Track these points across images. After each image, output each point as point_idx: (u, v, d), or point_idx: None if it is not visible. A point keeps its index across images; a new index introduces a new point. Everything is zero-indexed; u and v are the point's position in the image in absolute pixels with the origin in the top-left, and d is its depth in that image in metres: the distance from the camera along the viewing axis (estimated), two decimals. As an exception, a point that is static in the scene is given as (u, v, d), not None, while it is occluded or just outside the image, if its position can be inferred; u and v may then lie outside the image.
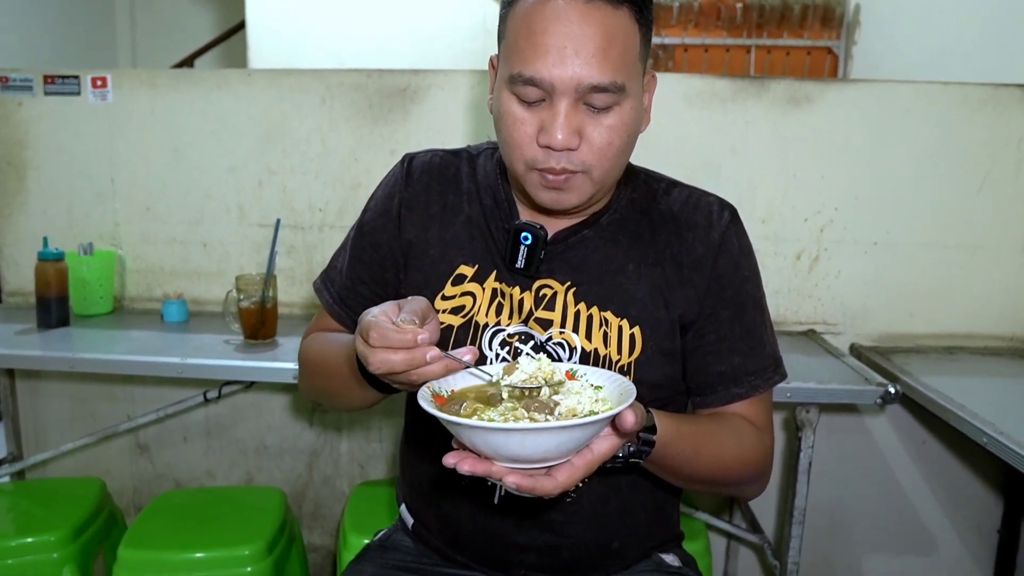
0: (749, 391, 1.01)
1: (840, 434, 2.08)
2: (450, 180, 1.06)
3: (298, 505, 2.23)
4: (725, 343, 1.00)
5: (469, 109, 1.99)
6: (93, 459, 2.25)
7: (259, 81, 2.03)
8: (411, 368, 0.76)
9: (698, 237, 1.00)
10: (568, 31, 0.83)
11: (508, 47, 0.89)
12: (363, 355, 0.78)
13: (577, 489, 0.99)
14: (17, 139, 2.10)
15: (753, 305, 1.03)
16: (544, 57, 0.84)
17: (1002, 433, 1.33)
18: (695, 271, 1.00)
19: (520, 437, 0.66)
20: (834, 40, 3.66)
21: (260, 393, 2.17)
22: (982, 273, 1.98)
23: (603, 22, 0.84)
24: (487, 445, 0.68)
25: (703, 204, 1.03)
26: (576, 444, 0.71)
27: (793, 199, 1.97)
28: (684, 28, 3.74)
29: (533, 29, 0.85)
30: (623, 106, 0.88)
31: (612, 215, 1.02)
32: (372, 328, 0.76)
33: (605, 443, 0.74)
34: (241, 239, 2.09)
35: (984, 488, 2.09)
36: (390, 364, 0.76)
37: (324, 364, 1.05)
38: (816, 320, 2.02)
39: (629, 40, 0.87)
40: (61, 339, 1.80)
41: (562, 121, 0.85)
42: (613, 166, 0.91)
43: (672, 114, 1.95)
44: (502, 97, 0.90)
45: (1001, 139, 1.92)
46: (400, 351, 0.75)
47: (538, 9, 0.85)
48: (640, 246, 1.01)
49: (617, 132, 0.88)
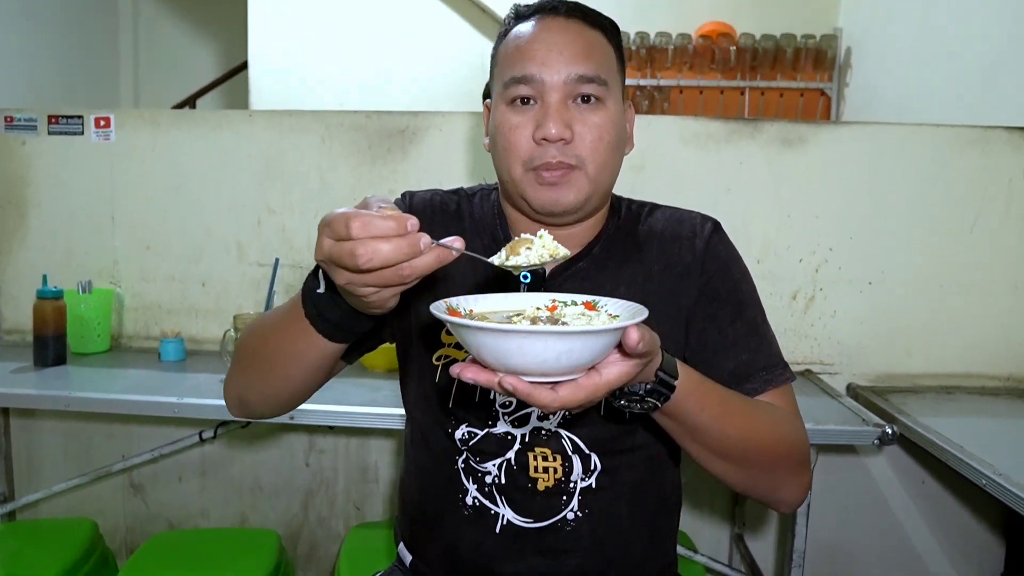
0: (762, 386, 0.98)
1: (838, 474, 2.07)
2: (451, 216, 1.08)
3: (293, 546, 2.20)
4: (729, 339, 1.00)
5: (467, 150, 2.02)
6: (86, 499, 2.22)
7: (260, 121, 2.06)
8: (404, 259, 0.67)
9: (684, 247, 1.03)
10: (552, 39, 0.94)
11: (500, 66, 0.98)
12: (338, 255, 0.67)
13: (577, 519, 0.99)
14: (19, 176, 2.12)
15: (751, 304, 1.04)
16: (533, 58, 0.93)
17: (1001, 475, 1.33)
18: (685, 278, 1.02)
19: (519, 340, 0.63)
20: (826, 82, 3.72)
21: (256, 432, 2.15)
22: (976, 312, 1.99)
23: (582, 32, 0.95)
24: (489, 351, 0.65)
25: (686, 218, 1.06)
26: (580, 358, 0.66)
27: (788, 239, 1.99)
28: (679, 70, 3.80)
29: (520, 42, 0.96)
30: (608, 106, 0.95)
31: (602, 244, 1.04)
32: (353, 219, 0.66)
33: (614, 368, 0.70)
34: (240, 277, 2.10)
35: (986, 529, 2.07)
36: (381, 255, 0.65)
37: (264, 328, 0.96)
38: (813, 360, 2.02)
39: (606, 53, 0.97)
40: (57, 377, 1.80)
41: (554, 114, 0.92)
42: (606, 162, 0.96)
43: (668, 154, 1.97)
44: (498, 113, 0.97)
45: (991, 180, 1.95)
46: (392, 239, 0.66)
47: (524, 28, 0.97)
48: (629, 267, 1.03)
49: (606, 129, 0.94)
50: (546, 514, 1.00)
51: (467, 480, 1.02)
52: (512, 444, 1.00)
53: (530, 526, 1.00)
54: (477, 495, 1.01)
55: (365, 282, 0.69)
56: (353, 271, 0.68)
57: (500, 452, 1.00)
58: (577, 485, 1.00)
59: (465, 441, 1.01)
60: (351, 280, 0.69)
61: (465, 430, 1.01)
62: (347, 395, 1.68)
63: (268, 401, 0.98)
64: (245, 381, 0.99)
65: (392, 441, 2.15)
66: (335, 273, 0.70)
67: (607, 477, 1.00)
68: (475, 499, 1.01)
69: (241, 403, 1.00)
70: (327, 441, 2.17)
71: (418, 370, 1.05)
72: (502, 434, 1.00)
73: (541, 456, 0.99)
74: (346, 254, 0.66)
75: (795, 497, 0.99)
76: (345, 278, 0.70)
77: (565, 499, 1.00)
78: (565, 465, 0.99)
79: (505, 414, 1.00)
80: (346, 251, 0.66)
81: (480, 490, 1.01)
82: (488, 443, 1.00)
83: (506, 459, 1.00)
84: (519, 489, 1.00)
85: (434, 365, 1.02)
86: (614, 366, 0.70)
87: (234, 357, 1.01)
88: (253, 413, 1.02)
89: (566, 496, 1.00)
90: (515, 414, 1.00)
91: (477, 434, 1.00)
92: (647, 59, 3.77)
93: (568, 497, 1.00)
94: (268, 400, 0.98)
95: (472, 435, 1.01)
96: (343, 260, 0.67)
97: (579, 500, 1.00)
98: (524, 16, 0.99)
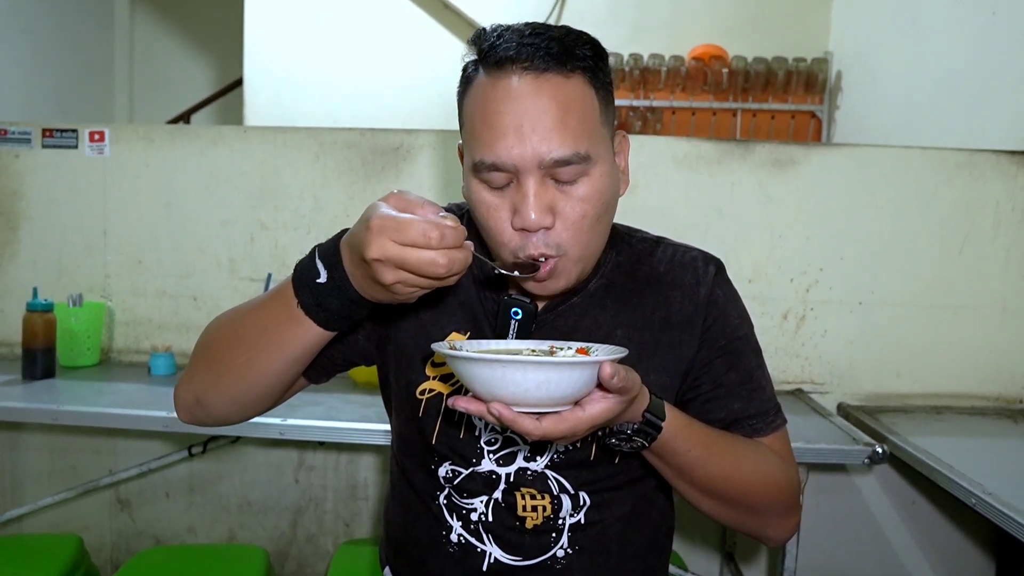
0: (749, 433, 0.98)
1: (828, 493, 2.07)
2: None
3: (281, 564, 2.18)
4: (722, 389, 0.99)
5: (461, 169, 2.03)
6: (71, 514, 2.20)
7: (254, 137, 2.07)
8: (465, 268, 0.73)
9: (686, 295, 1.00)
10: (521, 108, 0.83)
11: (468, 133, 0.89)
12: (414, 262, 0.70)
13: (567, 556, 0.97)
14: (12, 190, 2.11)
15: (748, 350, 1.02)
16: (503, 139, 0.83)
17: (990, 494, 1.33)
18: (685, 331, 0.99)
19: (503, 369, 0.71)
20: (817, 104, 3.76)
21: (245, 449, 2.14)
22: (965, 333, 2.00)
23: (555, 93, 0.83)
24: (479, 380, 0.72)
25: (688, 261, 1.02)
26: (559, 389, 0.72)
27: (779, 259, 2.01)
28: (672, 92, 3.84)
29: (487, 111, 0.85)
30: (592, 175, 0.86)
31: (599, 280, 1.01)
32: (431, 229, 0.70)
33: (597, 405, 0.75)
34: (232, 293, 2.10)
35: (976, 548, 2.07)
36: (459, 264, 0.72)
37: (234, 317, 0.94)
38: (803, 379, 2.03)
39: (587, 106, 0.86)
40: (45, 391, 1.78)
41: (532, 201, 0.84)
42: (590, 240, 0.90)
43: (660, 176, 1.99)
44: (471, 186, 0.89)
45: (979, 202, 1.97)
46: (461, 248, 0.73)
47: (490, 91, 0.85)
48: (627, 310, 1.00)
49: (590, 203, 0.86)
50: (535, 552, 0.97)
51: (451, 517, 0.99)
52: (498, 484, 0.97)
53: (519, 564, 0.97)
54: (463, 532, 0.99)
55: (419, 284, 0.73)
56: (421, 276, 0.72)
57: (485, 491, 0.97)
58: (566, 522, 0.97)
59: (449, 479, 0.99)
60: (403, 279, 0.72)
61: (448, 467, 0.98)
62: (337, 411, 1.68)
63: (232, 401, 0.93)
64: (208, 379, 0.93)
65: (382, 458, 2.13)
66: (386, 271, 0.72)
67: (596, 512, 0.98)
68: (460, 536, 0.99)
69: (197, 405, 0.94)
70: (317, 457, 2.16)
71: (400, 404, 1.02)
72: (487, 473, 0.97)
73: (528, 495, 0.97)
74: (426, 263, 0.70)
75: (782, 536, 1.02)
76: (397, 277, 0.72)
77: (555, 536, 0.97)
78: (554, 503, 0.97)
79: (490, 452, 0.97)
80: (426, 260, 0.70)
81: (465, 527, 0.99)
82: (473, 482, 0.98)
83: (492, 498, 0.97)
84: (507, 527, 0.97)
85: (417, 399, 0.99)
86: (597, 403, 0.75)
87: (194, 355, 0.95)
88: (208, 418, 0.96)
89: (555, 533, 0.97)
90: (500, 452, 0.97)
91: (461, 472, 0.98)
92: (640, 80, 3.81)
93: (558, 534, 0.97)
94: (232, 400, 0.93)
95: (456, 473, 0.98)
96: (421, 268, 0.71)
97: (569, 537, 0.97)
98: (488, 61, 0.85)
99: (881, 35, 3.31)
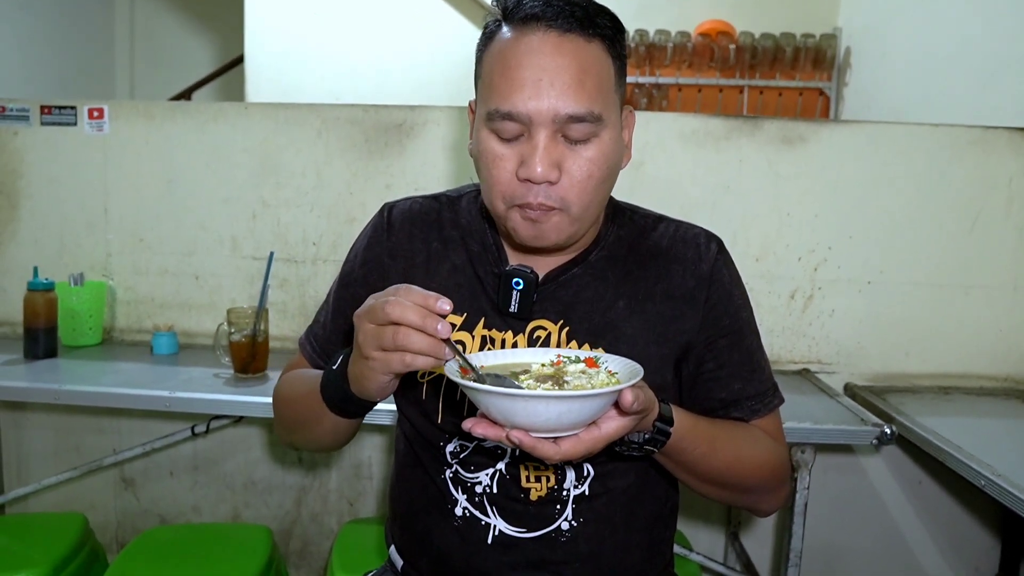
0: (748, 415, 1.02)
1: (835, 474, 2.06)
2: (432, 227, 1.05)
3: (285, 543, 2.18)
4: (724, 369, 1.01)
5: (464, 145, 2.00)
6: (76, 493, 2.20)
7: (255, 114, 2.04)
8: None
9: (688, 271, 1.01)
10: (542, 63, 0.84)
11: (485, 85, 0.90)
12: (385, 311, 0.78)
13: (572, 528, 0.98)
14: (11, 168, 2.09)
15: (749, 331, 1.04)
16: (520, 91, 0.85)
17: (1000, 476, 1.32)
18: (688, 304, 1.00)
19: (524, 403, 0.72)
20: (825, 81, 3.72)
21: (249, 428, 2.14)
22: (975, 312, 1.98)
23: (577, 53, 0.85)
24: (497, 410, 0.74)
25: (690, 237, 1.03)
26: (579, 417, 0.74)
27: (787, 238, 1.98)
28: (678, 68, 3.79)
29: (508, 64, 0.86)
30: (602, 137, 0.88)
31: (600, 252, 1.01)
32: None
33: (612, 424, 0.77)
34: (234, 271, 2.08)
35: (982, 529, 2.06)
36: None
37: (292, 391, 1.05)
38: (810, 359, 2.01)
39: (604, 71, 0.88)
40: (48, 370, 1.78)
41: (541, 153, 0.85)
42: (592, 200, 0.91)
43: (667, 152, 1.96)
44: (481, 136, 0.90)
45: (991, 180, 1.94)
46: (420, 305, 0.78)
47: (512, 45, 0.86)
48: (629, 283, 1.00)
49: (597, 164, 0.88)
50: (540, 524, 0.98)
51: (456, 490, 1.01)
52: (502, 457, 0.99)
53: (523, 536, 0.98)
54: (467, 505, 1.00)
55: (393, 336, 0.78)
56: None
57: (490, 463, 0.99)
58: (571, 493, 0.99)
59: (456, 454, 1.00)
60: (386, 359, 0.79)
61: (457, 443, 1.00)
62: (341, 391, 1.66)
63: (310, 447, 1.10)
64: (286, 434, 1.11)
65: (386, 437, 2.13)
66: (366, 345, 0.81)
67: (600, 484, 0.99)
68: (465, 509, 1.00)
69: (291, 444, 1.13)
70: (321, 437, 2.15)
71: (403, 386, 1.03)
72: (492, 446, 0.99)
73: (532, 467, 0.98)
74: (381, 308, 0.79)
75: (773, 508, 1.09)
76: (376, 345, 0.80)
77: (559, 508, 0.99)
78: (558, 474, 0.98)
79: None
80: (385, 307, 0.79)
81: (470, 500, 1.00)
82: (478, 455, 0.99)
83: (497, 469, 0.99)
84: (511, 499, 0.98)
85: (419, 382, 1.01)
86: (612, 421, 0.78)
87: (273, 407, 1.13)
88: (304, 450, 1.13)
89: (560, 505, 0.99)
90: None
91: (468, 447, 1.00)
92: (646, 57, 3.76)
93: (562, 506, 0.99)
94: (310, 445, 1.09)
95: (463, 448, 1.00)
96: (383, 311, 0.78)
97: (573, 509, 0.99)
98: (512, 18, 0.88)
99: (891, 10, 3.25)
